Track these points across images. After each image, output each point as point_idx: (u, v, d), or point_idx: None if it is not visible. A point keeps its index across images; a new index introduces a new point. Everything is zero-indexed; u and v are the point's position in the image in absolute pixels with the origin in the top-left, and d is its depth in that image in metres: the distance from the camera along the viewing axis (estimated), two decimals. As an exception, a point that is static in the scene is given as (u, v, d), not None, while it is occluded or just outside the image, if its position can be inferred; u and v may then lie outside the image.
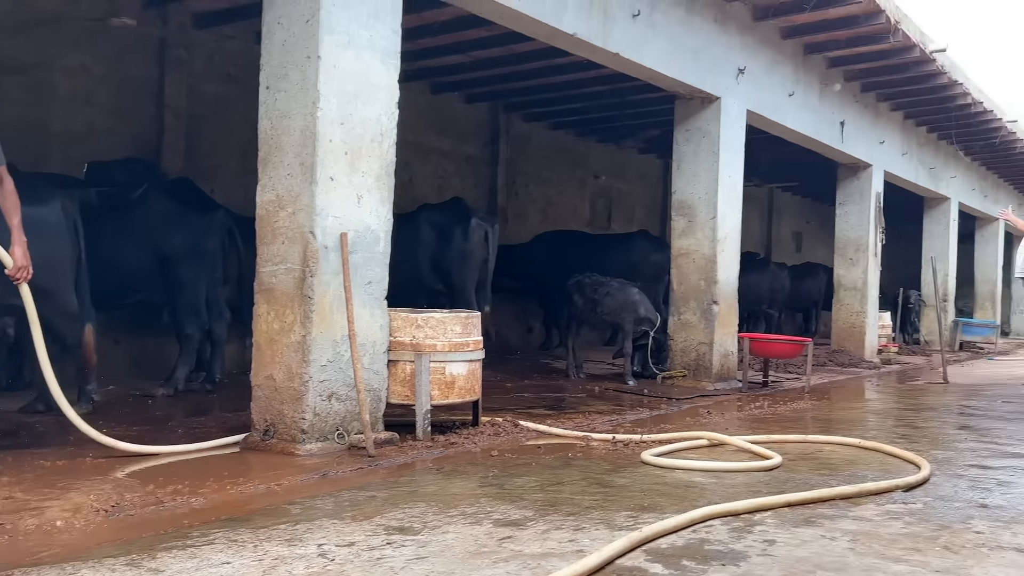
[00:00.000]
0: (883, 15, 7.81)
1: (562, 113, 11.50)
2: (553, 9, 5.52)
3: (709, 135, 7.47)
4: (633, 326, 7.57)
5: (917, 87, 10.16)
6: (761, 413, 5.86)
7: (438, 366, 4.51)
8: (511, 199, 11.65)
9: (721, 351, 7.47)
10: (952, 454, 4.07)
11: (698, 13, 7.01)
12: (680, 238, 7.65)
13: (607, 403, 6.29)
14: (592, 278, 7.83)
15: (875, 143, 10.77)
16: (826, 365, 10.00)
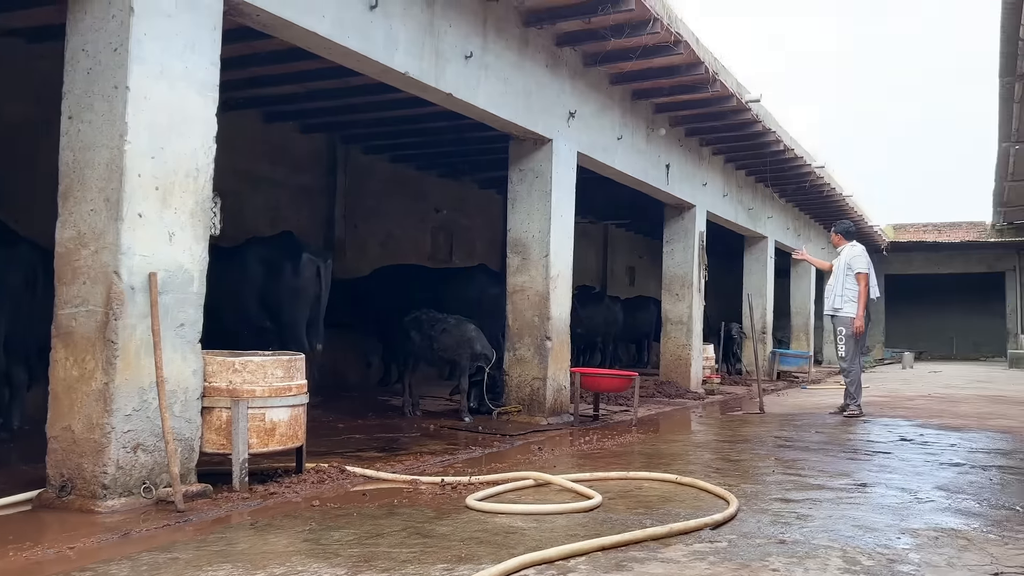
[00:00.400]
0: (703, 66, 8.28)
1: (402, 146, 11.47)
2: (384, 47, 5.49)
3: (542, 175, 7.64)
4: (469, 362, 7.58)
5: (735, 133, 10.85)
6: (590, 448, 5.98)
7: (257, 412, 4.31)
8: (349, 231, 11.46)
9: (554, 386, 7.60)
10: (760, 487, 4.28)
11: (530, 57, 7.19)
12: (515, 275, 7.76)
13: (441, 442, 6.24)
14: (429, 314, 7.80)
15: (698, 185, 11.38)
16: (655, 396, 10.39)
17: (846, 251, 8.77)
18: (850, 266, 8.58)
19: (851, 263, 8.59)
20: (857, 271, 8.52)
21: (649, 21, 7.09)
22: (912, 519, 3.56)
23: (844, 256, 8.72)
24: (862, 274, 8.51)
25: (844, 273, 8.60)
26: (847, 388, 8.52)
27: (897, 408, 9.17)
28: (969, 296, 26.69)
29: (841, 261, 8.72)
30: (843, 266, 8.64)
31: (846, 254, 8.72)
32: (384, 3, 5.44)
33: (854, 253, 8.68)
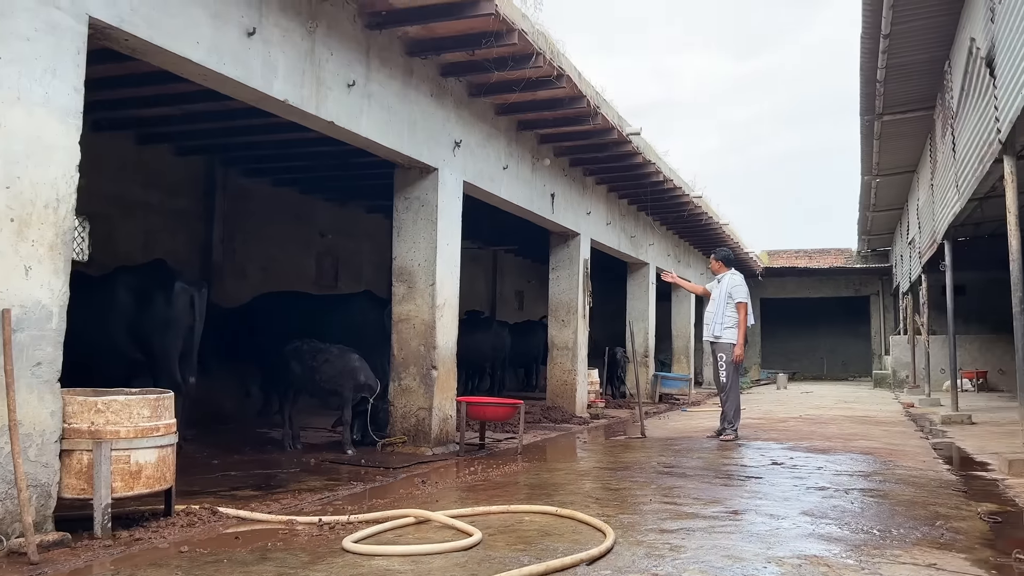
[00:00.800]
0: (585, 100, 8.48)
1: (285, 170, 11.25)
2: (262, 74, 5.37)
3: (428, 204, 7.63)
4: (353, 393, 7.44)
5: (617, 164, 11.14)
6: (474, 479, 5.96)
7: (122, 454, 4.10)
8: (228, 257, 11.13)
9: (440, 415, 7.55)
10: (637, 518, 4.36)
11: (415, 87, 7.18)
12: (401, 304, 7.69)
13: (321, 477, 6.08)
14: (310, 344, 7.62)
15: (583, 214, 11.61)
16: (541, 422, 10.48)
17: (727, 279, 8.95)
18: (731, 295, 8.78)
19: (732, 292, 8.80)
20: (738, 300, 8.75)
21: (532, 55, 7.21)
22: (778, 547, 3.69)
23: (725, 284, 8.90)
24: (742, 303, 8.76)
25: (725, 301, 8.79)
26: (724, 411, 8.69)
27: (770, 431, 9.53)
28: (838, 319, 28.15)
29: (723, 289, 8.89)
30: (724, 294, 8.82)
31: (727, 282, 8.91)
32: (262, 30, 5.34)
33: (735, 282, 8.89)
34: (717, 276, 9.17)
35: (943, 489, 5.42)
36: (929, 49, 9.29)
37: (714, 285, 9.20)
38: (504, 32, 6.70)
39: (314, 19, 5.86)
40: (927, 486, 5.54)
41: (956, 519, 4.42)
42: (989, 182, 8.19)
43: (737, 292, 8.82)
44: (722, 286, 8.93)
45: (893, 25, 8.43)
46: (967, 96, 7.88)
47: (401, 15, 6.44)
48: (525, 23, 6.92)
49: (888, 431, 9.53)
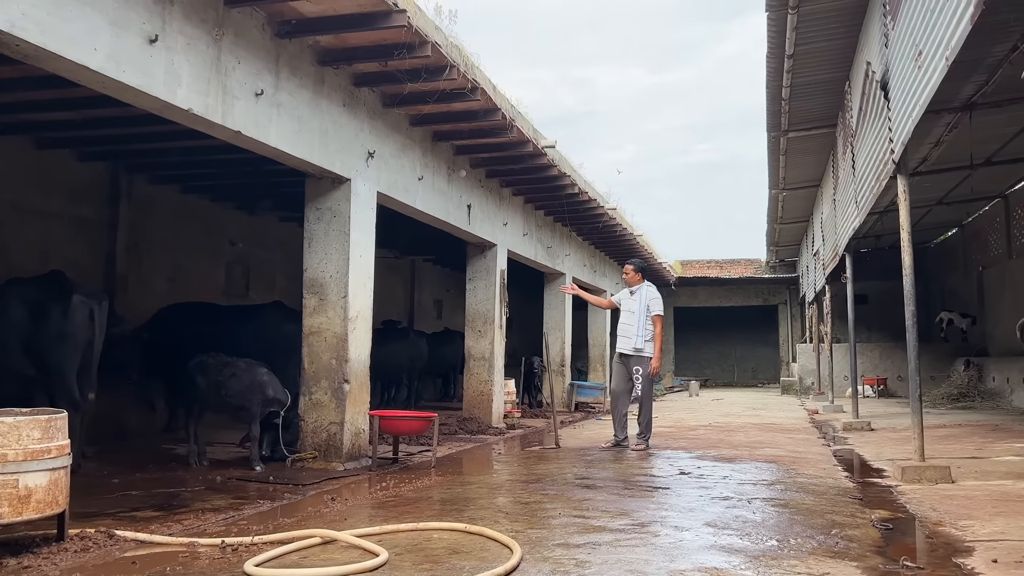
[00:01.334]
0: (499, 112, 8.53)
1: (194, 177, 10.95)
2: (165, 82, 5.22)
3: (340, 215, 7.53)
4: (261, 408, 7.28)
5: (533, 176, 11.23)
6: (385, 495, 5.89)
7: (9, 478, 3.91)
8: (133, 266, 10.76)
9: (352, 430, 7.45)
10: (545, 532, 4.38)
11: (326, 96, 7.09)
12: (312, 316, 7.57)
13: (227, 496, 5.92)
14: (216, 358, 7.43)
15: (499, 224, 11.65)
16: (457, 434, 10.44)
17: (644, 291, 8.84)
18: (650, 308, 8.71)
19: (651, 305, 8.73)
20: (656, 313, 8.72)
21: (446, 67, 7.21)
22: (680, 559, 3.77)
23: (643, 297, 8.78)
24: (659, 317, 8.77)
25: (644, 314, 8.68)
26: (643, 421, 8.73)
27: (680, 439, 9.72)
28: (748, 327, 28.96)
29: (642, 302, 8.74)
30: (643, 307, 8.70)
31: (645, 295, 8.80)
32: (165, 37, 5.19)
33: (652, 295, 8.83)
34: (631, 287, 9.02)
35: (841, 497, 5.62)
36: (831, 69, 9.66)
37: (624, 296, 9.06)
38: (417, 44, 6.69)
39: (221, 27, 5.73)
40: (826, 494, 5.74)
41: (851, 527, 4.59)
42: (886, 198, 8.57)
43: (655, 305, 8.78)
44: (640, 298, 8.80)
45: (797, 46, 8.75)
46: (865, 116, 8.24)
47: (312, 24, 6.35)
48: (439, 36, 6.92)
49: (793, 438, 9.84)
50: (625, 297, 9.05)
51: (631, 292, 8.98)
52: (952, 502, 5.38)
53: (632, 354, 8.71)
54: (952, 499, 5.49)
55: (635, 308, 8.75)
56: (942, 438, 9.40)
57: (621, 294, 9.17)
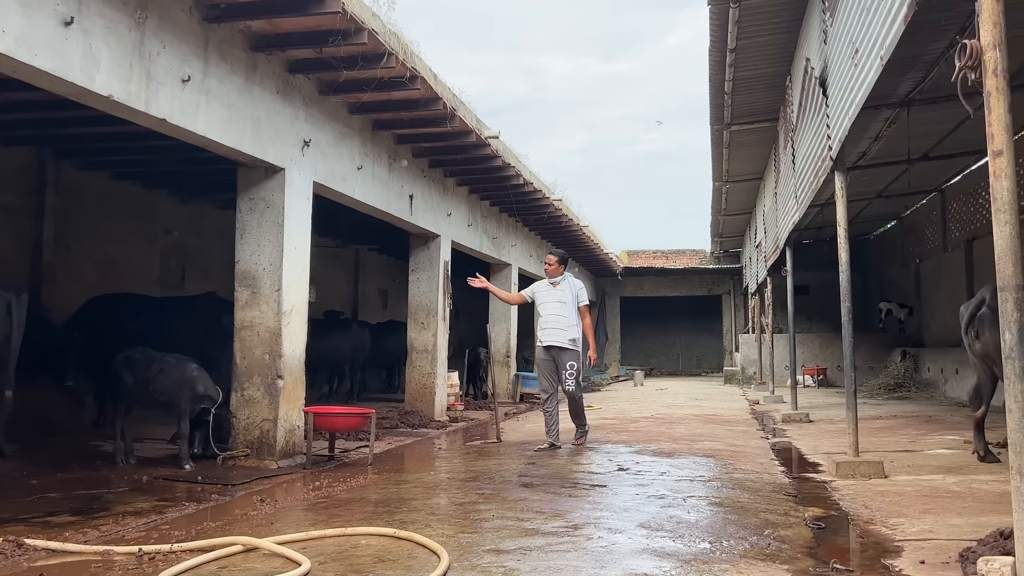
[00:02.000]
0: (441, 102, 8.37)
1: (126, 163, 10.57)
2: (82, 67, 4.96)
3: (274, 205, 7.30)
4: (191, 405, 7.05)
5: (478, 167, 11.09)
6: (317, 496, 5.74)
7: (-95, 488, 3.67)
8: (61, 255, 10.36)
9: (286, 427, 7.26)
10: (476, 536, 4.28)
11: (258, 83, 6.86)
12: (244, 310, 7.34)
13: (152, 498, 5.71)
14: (144, 353, 7.18)
15: (443, 215, 11.49)
16: (398, 427, 10.30)
17: (570, 282, 8.49)
18: (579, 298, 8.40)
19: (580, 295, 8.43)
20: (584, 304, 8.44)
21: (384, 55, 7.03)
22: (611, 565, 3.70)
23: (571, 288, 8.44)
24: (587, 306, 8.55)
25: (574, 303, 8.38)
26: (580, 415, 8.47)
27: (621, 432, 9.72)
28: (693, 316, 29.28)
29: (571, 293, 8.40)
30: (573, 298, 8.38)
31: (572, 285, 8.48)
32: (82, 20, 4.93)
33: (579, 284, 8.57)
34: (553, 278, 8.51)
35: (776, 494, 5.63)
36: (773, 63, 9.70)
37: (542, 288, 8.60)
38: (353, 31, 6.50)
39: (144, 10, 5.47)
40: (761, 491, 5.74)
41: (784, 526, 4.59)
42: (825, 193, 8.63)
43: (584, 295, 8.51)
44: (567, 289, 8.41)
45: (739, 40, 8.74)
46: (804, 112, 8.27)
47: (241, 8, 6.12)
48: (376, 22, 6.73)
49: (732, 431, 9.91)
50: (544, 289, 8.56)
51: (553, 283, 8.50)
52: (884, 499, 5.43)
53: (568, 347, 8.27)
54: (884, 495, 5.54)
55: (567, 299, 8.34)
56: (877, 430, 9.55)
57: (537, 286, 8.71)
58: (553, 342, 8.31)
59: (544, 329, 8.39)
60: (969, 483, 5.92)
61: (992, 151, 3.02)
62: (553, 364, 8.34)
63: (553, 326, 8.33)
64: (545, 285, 8.56)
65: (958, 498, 5.38)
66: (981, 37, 3.07)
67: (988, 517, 4.72)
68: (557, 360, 8.30)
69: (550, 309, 8.39)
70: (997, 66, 3.02)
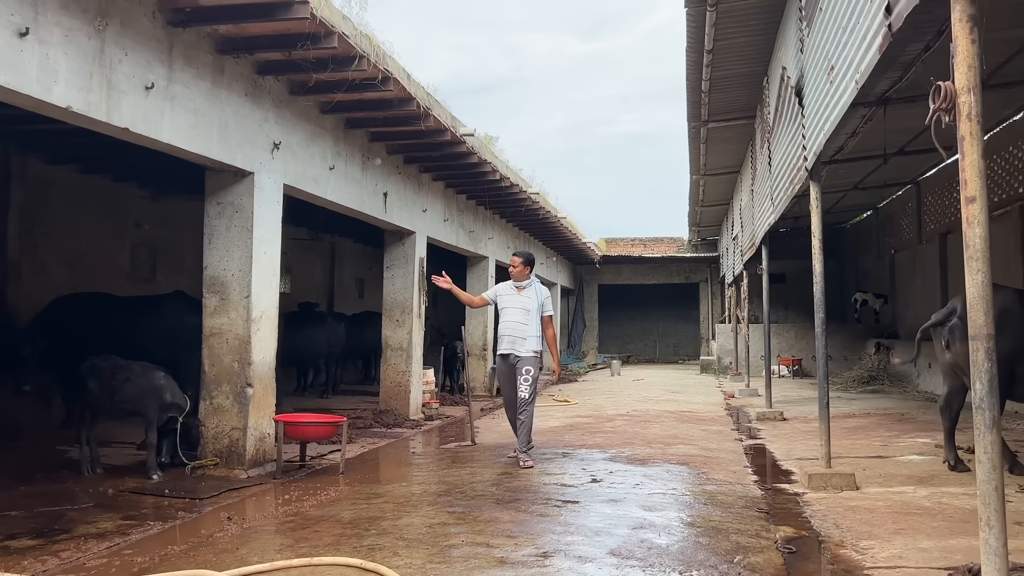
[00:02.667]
0: (414, 102, 8.23)
1: (95, 157, 10.33)
2: (39, 80, 4.80)
3: (243, 210, 7.17)
4: (158, 414, 6.94)
5: (454, 163, 10.96)
6: (286, 514, 5.66)
7: None
8: (27, 251, 10.15)
9: (256, 435, 7.16)
10: (444, 568, 4.22)
11: (226, 86, 6.69)
12: (212, 317, 7.21)
13: (117, 515, 5.59)
14: (109, 361, 7.04)
15: (418, 211, 11.36)
16: (372, 427, 10.22)
17: (536, 288, 7.93)
18: (544, 307, 7.85)
19: (545, 304, 7.88)
20: (548, 314, 7.92)
21: (355, 58, 6.90)
22: (580, 605, 3.66)
23: (537, 295, 7.86)
24: (551, 317, 8.02)
25: (539, 312, 7.82)
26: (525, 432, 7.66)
27: (596, 433, 9.68)
28: (670, 304, 29.34)
29: (537, 299, 7.84)
30: (538, 305, 7.82)
31: (539, 293, 7.89)
32: (38, 30, 4.77)
33: (545, 293, 7.96)
34: (519, 281, 7.94)
35: (748, 510, 5.62)
36: (751, 64, 9.63)
37: (506, 291, 8.00)
38: (323, 35, 6.36)
39: (103, 16, 5.30)
40: (733, 507, 5.73)
41: (755, 551, 4.57)
42: (800, 199, 8.60)
43: (550, 304, 7.97)
44: (533, 297, 7.84)
45: (716, 41, 8.66)
46: (780, 117, 8.22)
47: (207, 13, 5.96)
48: (346, 25, 6.59)
49: (707, 431, 9.92)
50: (508, 292, 7.96)
51: (518, 287, 7.93)
52: (855, 515, 5.43)
53: (528, 355, 7.68)
54: (855, 511, 5.55)
55: (531, 307, 7.78)
56: (850, 431, 9.60)
57: (500, 288, 8.12)
58: (512, 351, 7.77)
59: (504, 336, 7.83)
60: (939, 497, 5.95)
61: (965, 197, 2.97)
62: (512, 372, 7.79)
63: (514, 334, 7.78)
64: (509, 288, 8.01)
65: (928, 515, 5.40)
66: (956, 80, 3.01)
67: (957, 540, 4.75)
68: (516, 366, 7.76)
69: (512, 316, 7.83)
70: (971, 110, 2.97)
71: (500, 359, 7.92)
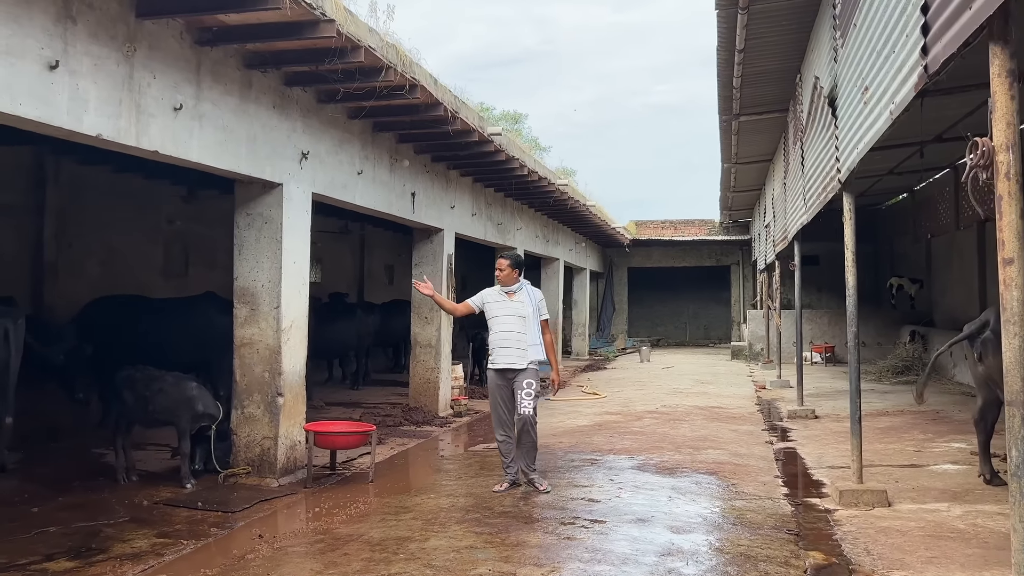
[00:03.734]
0: (441, 107, 8.21)
1: (126, 158, 10.41)
2: (69, 110, 4.84)
3: (272, 221, 7.21)
4: (191, 424, 7.05)
5: (481, 161, 10.92)
6: (316, 530, 5.74)
7: None
8: (63, 252, 10.32)
9: (287, 443, 7.26)
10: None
11: (254, 100, 6.71)
12: (243, 327, 7.29)
13: (152, 531, 5.71)
14: (144, 372, 7.15)
15: (446, 208, 11.35)
16: (401, 425, 10.31)
17: (528, 291, 7.08)
18: (540, 311, 7.03)
19: (540, 308, 7.05)
20: (545, 317, 7.09)
21: (382, 69, 6.88)
22: (606, 651, 3.67)
23: (531, 299, 7.02)
24: (547, 320, 7.16)
25: (535, 317, 6.99)
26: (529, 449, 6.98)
27: (625, 435, 9.66)
28: (701, 286, 29.11)
29: (532, 304, 7.00)
30: (534, 310, 6.99)
31: (532, 295, 7.06)
32: (68, 61, 4.80)
33: (539, 295, 7.16)
34: (507, 286, 7.08)
35: (778, 531, 5.59)
36: (782, 60, 9.45)
37: (493, 297, 7.15)
38: (350, 49, 6.35)
39: (132, 41, 5.32)
40: (763, 527, 5.70)
41: (783, 583, 4.55)
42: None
43: (544, 308, 7.14)
44: (527, 301, 7.00)
45: (747, 41, 8.50)
46: (813, 121, 8.07)
47: (235, 32, 5.96)
48: (373, 38, 6.56)
49: (737, 432, 9.87)
50: (497, 299, 7.11)
51: (507, 292, 7.07)
52: (887, 539, 5.38)
53: (528, 368, 6.88)
54: (887, 534, 5.50)
55: (526, 312, 6.94)
56: (883, 432, 9.50)
57: (487, 295, 7.21)
58: (510, 365, 6.91)
59: (498, 349, 6.98)
60: (974, 517, 5.87)
61: (1003, 259, 2.90)
62: (509, 390, 6.95)
63: (510, 345, 6.92)
64: (497, 294, 7.13)
65: (963, 540, 5.33)
66: (994, 136, 2.93)
67: (992, 571, 4.69)
68: (514, 383, 6.92)
69: (505, 325, 6.98)
70: (1010, 169, 2.89)
71: (495, 374, 7.01)
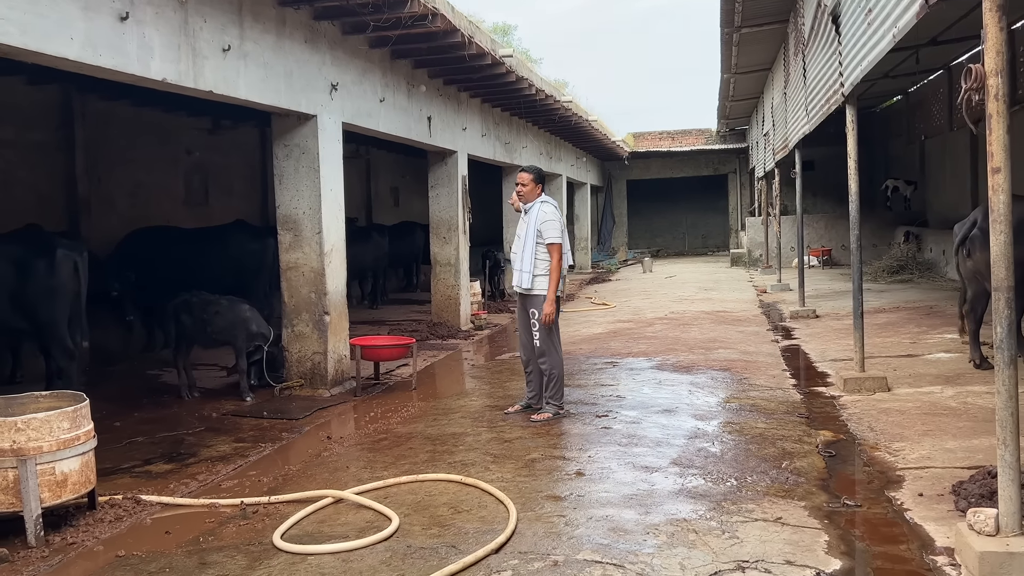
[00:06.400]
0: (459, 33, 8.54)
1: (143, 91, 10.73)
2: (138, 57, 5.25)
3: (308, 152, 7.65)
4: (246, 343, 7.63)
5: (492, 83, 11.26)
6: (376, 431, 6.37)
7: (47, 467, 4.28)
8: (94, 186, 10.74)
9: (335, 357, 7.87)
10: (532, 482, 4.88)
11: (288, 36, 7.07)
12: (288, 252, 7.81)
13: (229, 438, 6.35)
14: (200, 297, 7.70)
15: (459, 130, 11.74)
16: (428, 339, 10.94)
17: (536, 209, 6.50)
18: (540, 232, 6.42)
19: (542, 229, 6.41)
20: (550, 241, 6.41)
21: (407, 0, 7.20)
22: (654, 512, 4.32)
23: (534, 217, 6.48)
24: (555, 245, 6.42)
25: (534, 240, 6.45)
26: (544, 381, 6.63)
27: (640, 340, 10.32)
28: (699, 195, 29.56)
29: (531, 224, 6.48)
30: (532, 231, 6.45)
31: (537, 215, 6.47)
32: (135, 12, 5.19)
33: (545, 216, 6.45)
34: (526, 204, 6.61)
35: (790, 416, 6.26)
36: (785, -28, 9.72)
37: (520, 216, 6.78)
38: (378, -18, 6.66)
39: (185, -12, 5.68)
40: (776, 412, 6.37)
41: (799, 456, 5.22)
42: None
43: (549, 229, 6.42)
44: (531, 219, 6.51)
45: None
46: (816, 36, 8.43)
47: (273, -27, 6.28)
48: (399, -30, 6.87)
49: (744, 332, 10.53)
50: (520, 217, 6.79)
51: (524, 211, 6.65)
52: (888, 418, 6.05)
53: (524, 293, 6.58)
54: (888, 414, 6.16)
55: (524, 231, 6.55)
56: (880, 327, 10.15)
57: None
58: (514, 285, 6.74)
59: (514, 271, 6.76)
60: (965, 396, 6.53)
61: (991, 167, 3.42)
62: (525, 313, 6.69)
63: (515, 267, 6.66)
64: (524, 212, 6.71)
65: (954, 416, 5.99)
66: (985, 64, 3.41)
67: (980, 440, 5.35)
68: (525, 308, 6.66)
69: (515, 245, 6.74)
70: (999, 91, 3.38)
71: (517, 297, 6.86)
